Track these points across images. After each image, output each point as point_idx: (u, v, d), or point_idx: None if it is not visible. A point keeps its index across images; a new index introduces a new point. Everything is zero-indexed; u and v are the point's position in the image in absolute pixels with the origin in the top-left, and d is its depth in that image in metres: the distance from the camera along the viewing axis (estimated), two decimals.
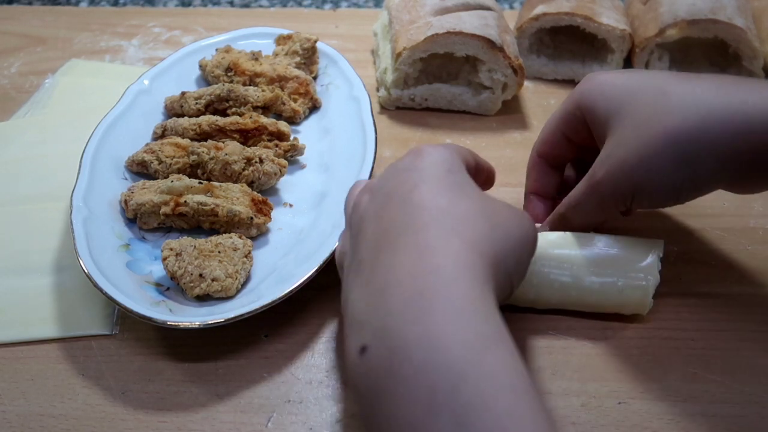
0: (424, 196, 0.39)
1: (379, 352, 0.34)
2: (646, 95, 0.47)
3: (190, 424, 0.47)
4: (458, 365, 0.32)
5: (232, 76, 0.69)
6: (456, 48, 0.69)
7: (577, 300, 0.51)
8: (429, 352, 0.33)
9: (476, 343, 0.33)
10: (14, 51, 0.82)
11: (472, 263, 0.36)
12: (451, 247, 0.37)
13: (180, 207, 0.56)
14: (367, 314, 0.36)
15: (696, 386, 0.49)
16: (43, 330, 0.53)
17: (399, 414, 0.33)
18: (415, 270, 0.36)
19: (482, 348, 0.33)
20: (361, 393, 0.35)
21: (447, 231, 0.37)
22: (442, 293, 0.35)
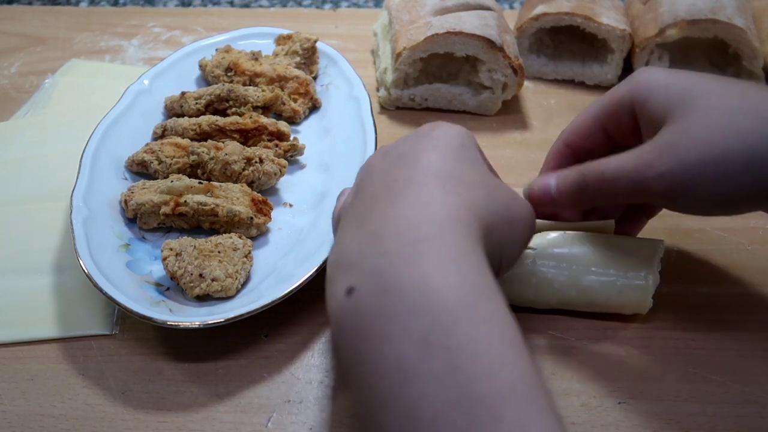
0: (432, 159, 0.40)
1: (369, 292, 0.35)
2: (718, 93, 0.45)
3: (190, 424, 0.47)
4: (452, 309, 0.33)
5: (232, 76, 0.69)
6: (456, 48, 0.69)
7: (577, 300, 0.51)
8: (423, 294, 0.33)
9: (469, 291, 0.34)
10: (14, 51, 0.82)
11: (467, 220, 0.37)
12: (450, 203, 0.37)
13: (180, 207, 0.56)
14: (359, 255, 0.36)
15: (696, 386, 0.49)
16: (43, 330, 0.53)
17: (389, 353, 0.33)
18: (412, 218, 0.37)
19: (475, 296, 0.34)
20: (346, 334, 0.35)
21: (447, 189, 0.38)
22: (437, 241, 0.35)
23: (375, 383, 0.33)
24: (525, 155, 0.69)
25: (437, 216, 0.37)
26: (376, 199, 0.39)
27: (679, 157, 0.44)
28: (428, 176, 0.39)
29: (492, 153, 0.69)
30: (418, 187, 0.38)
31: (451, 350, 0.32)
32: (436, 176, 0.39)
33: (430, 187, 0.38)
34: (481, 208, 0.39)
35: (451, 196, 0.38)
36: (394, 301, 0.34)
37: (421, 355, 0.32)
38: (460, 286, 0.34)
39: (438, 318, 0.33)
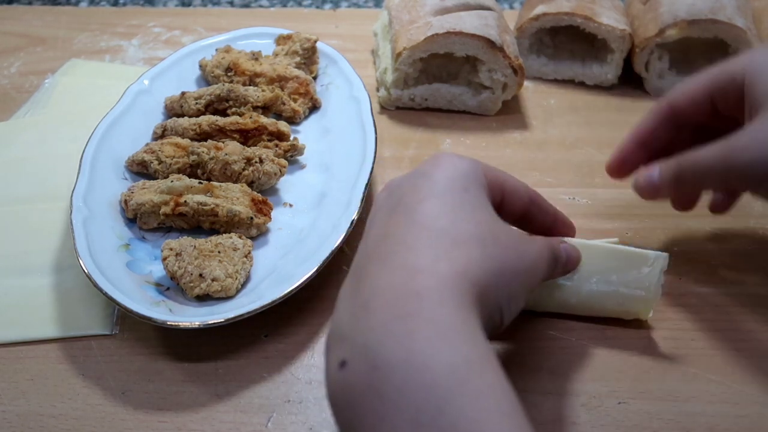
0: (427, 212, 0.39)
1: (359, 368, 0.34)
2: None
3: (190, 424, 0.47)
4: (443, 386, 0.32)
5: (232, 76, 0.69)
6: (456, 48, 0.69)
7: (576, 306, 0.51)
8: (411, 373, 0.32)
9: (461, 366, 0.33)
10: (14, 51, 0.82)
11: (459, 289, 0.36)
12: (440, 271, 0.36)
13: (180, 207, 0.56)
14: (349, 327, 0.36)
15: (696, 386, 0.49)
16: (43, 330, 0.53)
17: (372, 427, 0.32)
18: (400, 290, 0.36)
19: (467, 370, 0.33)
20: (339, 408, 0.35)
21: (440, 254, 0.37)
22: (426, 316, 0.34)
23: None
24: (525, 155, 0.69)
25: (427, 287, 0.35)
26: (369, 258, 0.38)
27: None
28: (422, 236, 0.38)
29: (492, 153, 0.70)
30: (408, 251, 0.37)
31: (444, 429, 0.31)
32: (428, 236, 0.38)
33: (421, 252, 0.37)
34: (474, 272, 0.37)
35: (443, 262, 0.37)
36: (383, 379, 0.33)
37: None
38: (451, 362, 0.33)
39: (428, 397, 0.32)
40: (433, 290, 0.35)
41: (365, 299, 0.36)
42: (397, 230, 0.39)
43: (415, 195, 0.40)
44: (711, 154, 0.48)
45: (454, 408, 0.31)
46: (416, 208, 0.39)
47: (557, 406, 0.48)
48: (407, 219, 0.39)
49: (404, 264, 0.37)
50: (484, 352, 0.34)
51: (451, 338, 0.34)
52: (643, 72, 0.75)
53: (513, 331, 0.52)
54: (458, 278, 0.36)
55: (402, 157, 0.68)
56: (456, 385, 0.32)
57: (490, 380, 0.33)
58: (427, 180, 0.41)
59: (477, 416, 0.31)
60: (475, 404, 0.32)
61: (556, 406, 0.48)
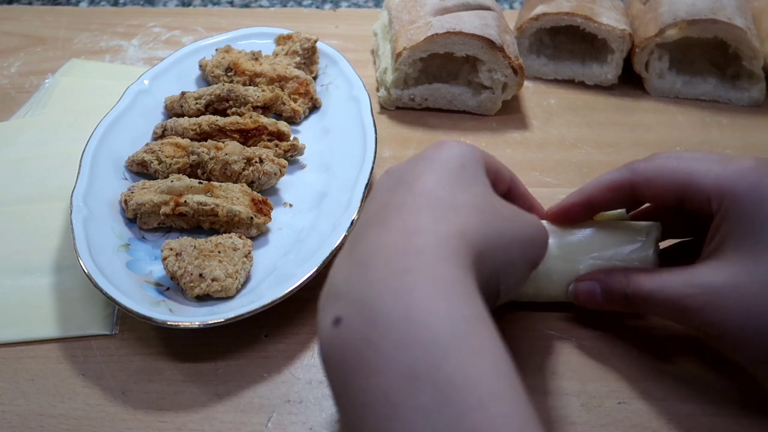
0: (427, 184, 0.40)
1: (355, 324, 0.34)
2: None
3: (190, 424, 0.47)
4: (441, 342, 0.32)
5: (232, 76, 0.69)
6: (456, 48, 0.69)
7: None
8: (410, 327, 0.33)
9: (459, 323, 0.33)
10: (14, 51, 0.82)
11: (456, 249, 0.36)
12: (439, 231, 0.37)
13: (180, 207, 0.56)
14: (346, 285, 0.36)
15: (696, 386, 0.49)
16: (43, 330, 0.53)
17: (376, 386, 0.32)
18: (400, 247, 0.36)
19: (465, 328, 0.33)
20: (333, 365, 0.35)
21: (437, 216, 0.38)
22: (425, 272, 0.35)
23: (363, 416, 0.33)
24: (525, 155, 0.69)
25: (425, 245, 0.36)
26: (368, 225, 0.39)
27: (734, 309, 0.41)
28: (420, 202, 0.38)
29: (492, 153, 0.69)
30: (408, 213, 0.38)
31: (440, 384, 0.31)
32: (428, 202, 0.38)
33: (420, 214, 0.38)
34: (472, 234, 0.38)
35: (441, 223, 0.37)
36: (381, 334, 0.33)
37: (408, 389, 0.31)
38: (449, 319, 0.33)
39: (425, 351, 0.32)
40: (432, 248, 0.36)
41: (363, 258, 0.36)
42: (396, 198, 0.39)
43: (415, 171, 0.41)
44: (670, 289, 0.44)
45: (451, 364, 0.32)
46: (415, 182, 0.40)
47: (557, 406, 0.48)
48: (406, 191, 0.40)
49: (403, 226, 0.37)
50: (482, 312, 0.35)
51: (450, 295, 0.34)
52: (643, 72, 0.76)
53: (513, 331, 0.52)
54: (456, 238, 0.37)
55: (402, 157, 0.68)
56: (453, 341, 0.32)
57: (487, 340, 0.33)
58: (426, 160, 0.42)
59: (473, 373, 0.32)
60: (472, 361, 0.32)
61: (556, 406, 0.48)
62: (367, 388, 0.33)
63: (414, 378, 0.32)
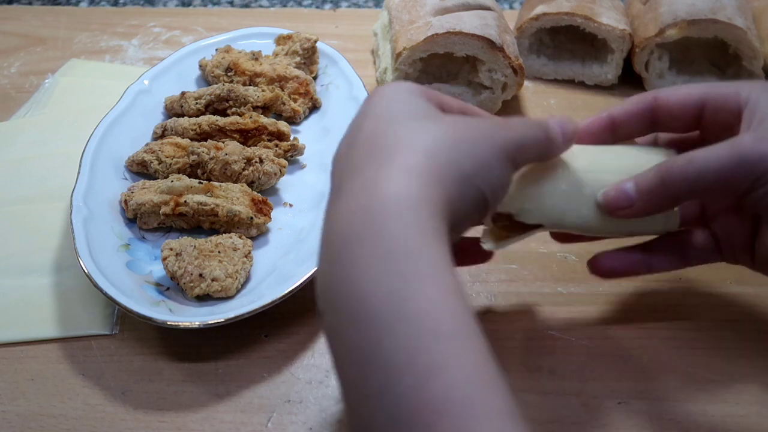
0: (368, 131, 0.39)
1: (328, 314, 0.34)
2: None
3: (190, 424, 0.47)
4: (380, 318, 0.31)
5: (232, 76, 0.69)
6: (456, 48, 0.69)
7: (600, 223, 0.46)
8: (356, 306, 0.32)
9: (399, 288, 0.31)
10: (14, 51, 0.82)
11: (417, 197, 0.34)
12: (398, 185, 0.35)
13: (180, 207, 0.56)
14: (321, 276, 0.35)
15: (696, 386, 0.49)
16: (43, 330, 0.53)
17: (343, 376, 0.32)
18: (353, 213, 0.35)
19: (405, 293, 0.31)
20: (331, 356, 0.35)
21: (399, 169, 0.35)
22: (370, 238, 0.33)
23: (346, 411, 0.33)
24: None
25: (374, 207, 0.34)
26: (337, 187, 0.39)
27: None
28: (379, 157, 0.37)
29: None
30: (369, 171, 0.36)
31: (382, 366, 0.30)
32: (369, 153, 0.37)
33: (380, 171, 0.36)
34: (441, 167, 0.36)
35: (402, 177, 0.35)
36: (337, 317, 0.32)
37: (361, 376, 0.31)
38: (390, 289, 0.31)
39: (369, 331, 0.31)
40: (383, 208, 0.34)
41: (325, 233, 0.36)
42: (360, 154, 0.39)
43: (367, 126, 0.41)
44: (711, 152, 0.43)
45: (391, 340, 0.30)
46: (372, 136, 0.39)
47: (557, 406, 0.48)
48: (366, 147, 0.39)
49: (362, 186, 0.36)
50: (430, 264, 0.32)
51: (393, 257, 0.32)
52: (643, 72, 0.75)
53: (513, 331, 0.52)
54: (420, 186, 0.35)
55: None
56: (392, 313, 0.31)
57: (430, 297, 0.31)
58: (372, 111, 0.41)
59: (412, 345, 0.30)
60: (409, 332, 0.30)
61: (556, 406, 0.48)
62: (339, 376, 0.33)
63: (363, 364, 0.31)
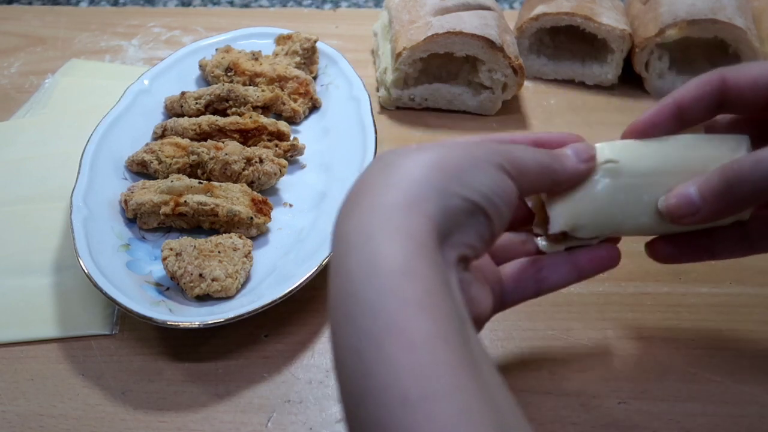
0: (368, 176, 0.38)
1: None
2: None
3: (190, 424, 0.47)
4: (353, 386, 0.30)
5: (232, 76, 0.69)
6: (456, 48, 0.69)
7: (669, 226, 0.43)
8: (338, 372, 0.31)
9: (366, 352, 0.30)
10: (14, 51, 0.82)
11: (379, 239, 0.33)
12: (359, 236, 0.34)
13: (180, 207, 0.56)
14: None
15: (696, 386, 0.49)
16: (43, 330, 0.53)
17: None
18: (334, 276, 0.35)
19: (370, 356, 0.30)
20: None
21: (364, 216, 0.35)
22: (341, 300, 0.33)
23: None
24: None
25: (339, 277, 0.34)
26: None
27: None
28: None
29: None
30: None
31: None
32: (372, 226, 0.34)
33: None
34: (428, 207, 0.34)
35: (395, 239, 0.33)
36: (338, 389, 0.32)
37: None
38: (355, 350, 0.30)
39: (347, 402, 0.30)
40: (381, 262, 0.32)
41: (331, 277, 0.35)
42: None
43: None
44: None
45: (364, 413, 0.29)
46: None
47: (557, 406, 0.48)
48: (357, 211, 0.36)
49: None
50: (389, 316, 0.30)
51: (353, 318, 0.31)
52: (643, 72, 0.75)
53: (513, 331, 0.52)
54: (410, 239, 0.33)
55: None
56: (361, 379, 0.29)
57: (392, 359, 0.29)
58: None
59: (382, 421, 0.28)
60: (378, 403, 0.29)
61: (556, 406, 0.48)
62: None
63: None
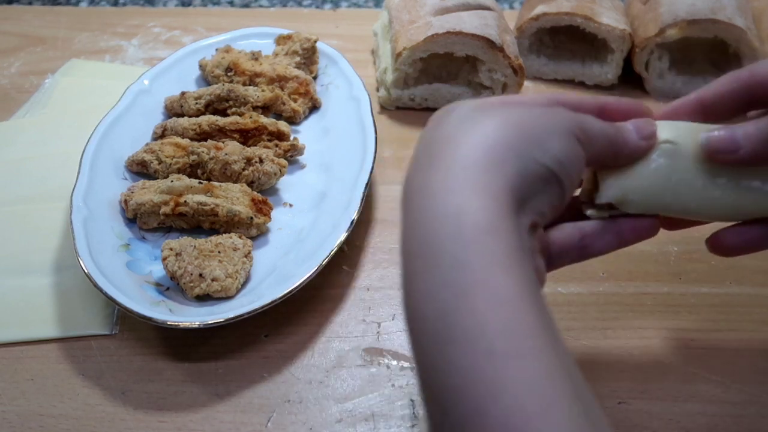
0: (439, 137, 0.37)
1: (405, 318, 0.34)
2: None
3: (190, 424, 0.47)
4: (435, 336, 0.30)
5: (232, 76, 0.69)
6: (456, 48, 0.69)
7: (720, 202, 0.43)
8: (414, 325, 0.32)
9: (449, 303, 0.31)
10: (14, 51, 0.82)
11: (467, 194, 0.33)
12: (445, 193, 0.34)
13: (180, 207, 0.56)
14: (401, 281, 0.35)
15: (696, 386, 0.49)
16: (43, 330, 0.53)
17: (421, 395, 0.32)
18: (410, 227, 0.34)
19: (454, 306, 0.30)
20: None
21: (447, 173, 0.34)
22: (422, 251, 0.33)
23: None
24: None
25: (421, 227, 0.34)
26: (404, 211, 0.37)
27: None
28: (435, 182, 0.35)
29: None
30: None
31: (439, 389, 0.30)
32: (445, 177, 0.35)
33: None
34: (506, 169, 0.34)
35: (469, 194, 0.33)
36: (410, 337, 0.32)
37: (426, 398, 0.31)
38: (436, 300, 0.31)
39: (426, 350, 0.31)
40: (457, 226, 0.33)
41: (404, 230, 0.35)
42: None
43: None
44: None
45: (444, 361, 0.30)
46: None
47: None
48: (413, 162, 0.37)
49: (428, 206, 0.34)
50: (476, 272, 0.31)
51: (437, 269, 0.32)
52: (643, 72, 0.75)
53: None
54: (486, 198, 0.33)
55: (402, 157, 0.68)
56: (444, 328, 0.30)
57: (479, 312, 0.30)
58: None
59: (467, 366, 0.29)
60: (462, 352, 0.30)
61: None
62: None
63: (426, 385, 0.31)
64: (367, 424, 0.47)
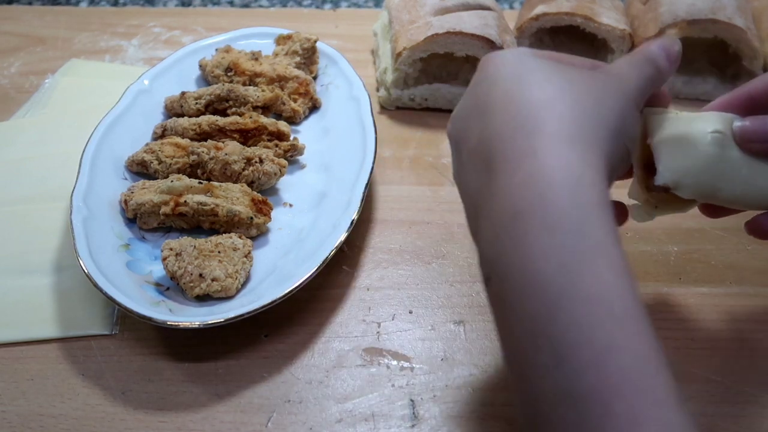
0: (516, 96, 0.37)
1: (495, 281, 0.34)
2: None
3: (190, 424, 0.47)
4: (552, 292, 0.31)
5: (232, 76, 0.69)
6: (456, 48, 0.69)
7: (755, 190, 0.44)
8: (526, 278, 0.32)
9: (572, 264, 0.31)
10: (14, 51, 0.82)
11: (578, 167, 0.34)
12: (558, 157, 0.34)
13: (180, 207, 0.56)
14: (488, 246, 0.35)
15: (696, 386, 0.49)
16: (43, 330, 0.53)
17: (513, 347, 0.33)
18: (517, 186, 0.34)
19: (578, 269, 0.31)
20: (495, 319, 0.35)
21: (553, 139, 0.34)
22: (538, 212, 0.33)
23: (511, 377, 0.33)
24: None
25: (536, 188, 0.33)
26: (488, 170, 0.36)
27: None
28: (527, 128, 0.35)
29: None
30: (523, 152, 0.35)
31: (556, 341, 0.30)
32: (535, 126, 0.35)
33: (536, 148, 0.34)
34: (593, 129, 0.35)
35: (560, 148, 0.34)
36: (507, 291, 0.33)
37: (531, 347, 0.31)
38: (560, 264, 0.31)
39: (541, 304, 0.31)
40: (549, 182, 0.33)
41: (496, 215, 0.35)
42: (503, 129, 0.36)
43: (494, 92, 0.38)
44: None
45: (564, 317, 0.31)
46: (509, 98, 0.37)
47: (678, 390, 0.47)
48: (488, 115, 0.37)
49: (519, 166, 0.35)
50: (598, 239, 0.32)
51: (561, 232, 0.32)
52: None
53: None
54: (578, 156, 0.34)
55: (402, 157, 0.68)
56: (564, 289, 0.31)
57: (601, 276, 0.31)
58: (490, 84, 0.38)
59: (587, 325, 0.30)
60: (585, 311, 0.30)
61: None
62: (508, 348, 0.34)
63: (534, 334, 0.31)
64: (367, 424, 0.47)
